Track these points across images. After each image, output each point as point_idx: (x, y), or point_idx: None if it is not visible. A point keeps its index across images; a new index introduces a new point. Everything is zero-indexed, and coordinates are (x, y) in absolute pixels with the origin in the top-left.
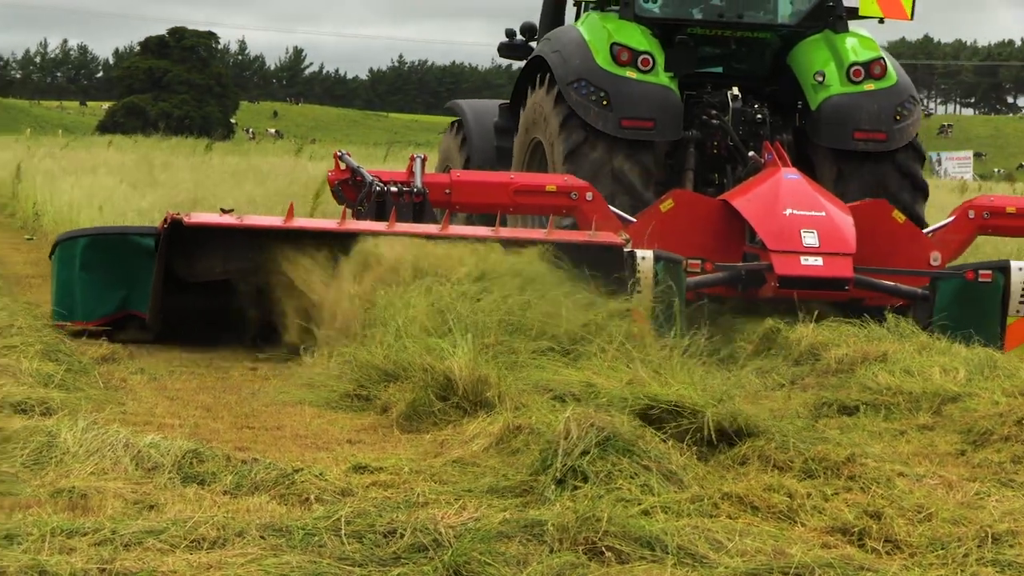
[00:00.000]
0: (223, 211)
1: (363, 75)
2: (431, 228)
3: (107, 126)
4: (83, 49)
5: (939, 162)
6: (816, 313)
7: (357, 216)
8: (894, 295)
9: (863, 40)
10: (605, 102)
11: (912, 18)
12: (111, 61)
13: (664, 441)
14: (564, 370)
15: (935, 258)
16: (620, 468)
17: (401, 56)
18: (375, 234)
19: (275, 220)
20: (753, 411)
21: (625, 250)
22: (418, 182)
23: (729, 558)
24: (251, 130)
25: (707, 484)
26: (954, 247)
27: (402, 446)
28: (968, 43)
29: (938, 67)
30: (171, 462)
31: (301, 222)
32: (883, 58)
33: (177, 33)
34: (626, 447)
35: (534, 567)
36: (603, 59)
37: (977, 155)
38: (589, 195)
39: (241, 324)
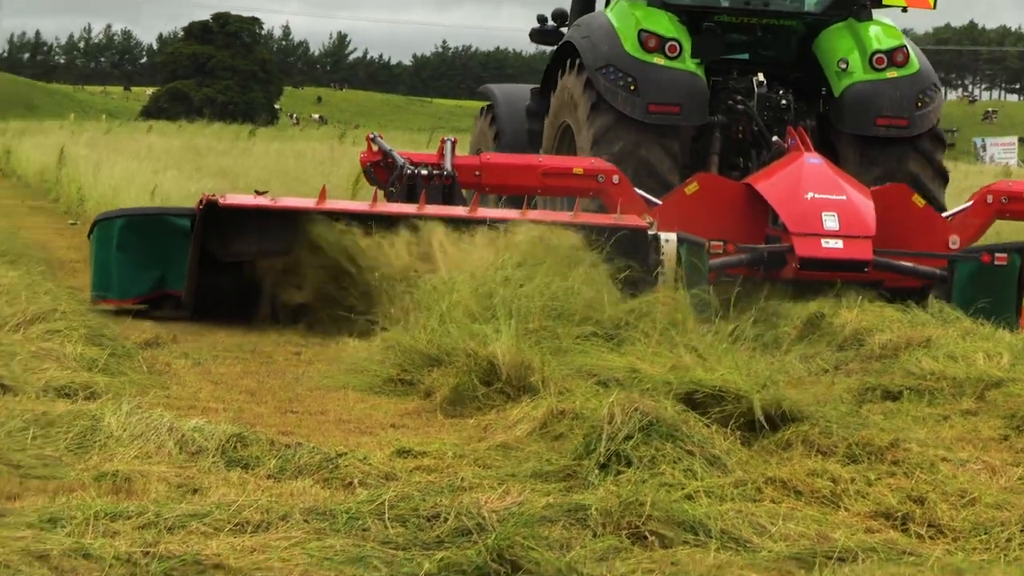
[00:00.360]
0: (257, 193)
1: (407, 61)
2: (459, 210)
3: (151, 111)
4: (127, 34)
5: (984, 148)
6: (860, 299)
7: (389, 198)
8: (913, 276)
9: (886, 28)
10: (633, 87)
11: (935, 7)
12: (155, 47)
13: (708, 426)
14: (608, 355)
15: (954, 241)
16: (664, 453)
17: (445, 42)
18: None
19: (308, 202)
20: (797, 396)
21: (649, 232)
22: (448, 165)
23: (773, 542)
24: (295, 116)
25: (751, 469)
26: (972, 231)
27: (446, 431)
28: (1013, 29)
29: (983, 53)
30: (215, 446)
31: (333, 204)
32: (905, 46)
33: (221, 19)
34: (670, 432)
35: (577, 551)
36: (631, 45)
37: (1022, 140)
38: (616, 178)
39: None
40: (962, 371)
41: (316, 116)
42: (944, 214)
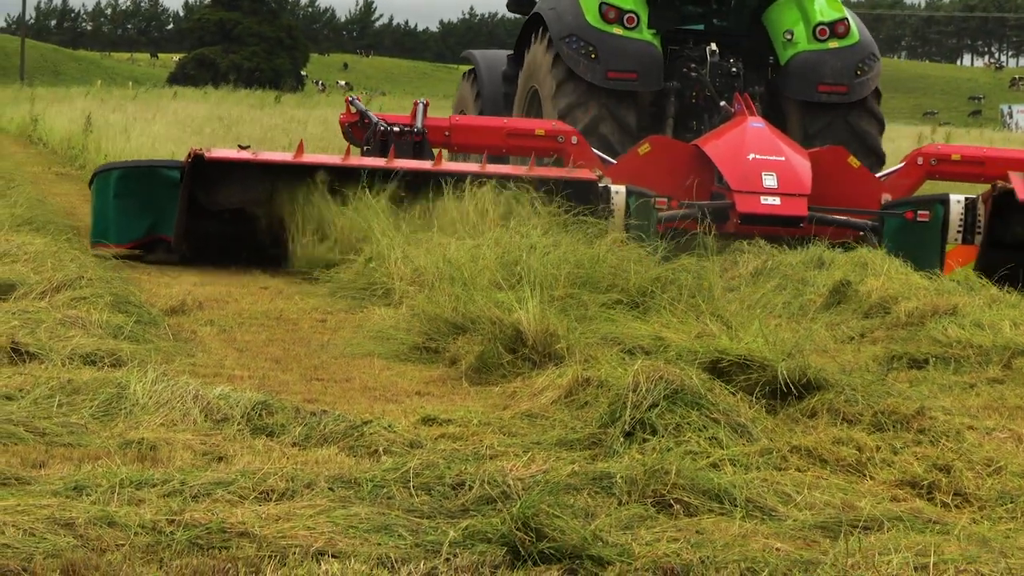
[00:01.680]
0: (241, 147)
1: (433, 27)
2: (425, 164)
3: (177, 78)
4: (153, 1)
5: (1010, 115)
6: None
7: (364, 154)
8: (846, 228)
9: (830, 2)
10: (593, 56)
11: None
12: (181, 13)
13: (733, 394)
14: (633, 323)
15: (886, 199)
16: (689, 421)
17: (472, 8)
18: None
19: (286, 156)
20: (823, 364)
21: (600, 185)
22: (419, 124)
23: (798, 511)
24: (321, 82)
25: (776, 437)
26: (903, 190)
27: (471, 398)
28: None
29: (1010, 20)
30: (240, 414)
31: (309, 157)
32: (847, 19)
33: None
34: (695, 400)
35: (603, 519)
36: (592, 17)
37: None
38: (574, 139)
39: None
40: (988, 339)
41: (342, 83)
42: (878, 174)
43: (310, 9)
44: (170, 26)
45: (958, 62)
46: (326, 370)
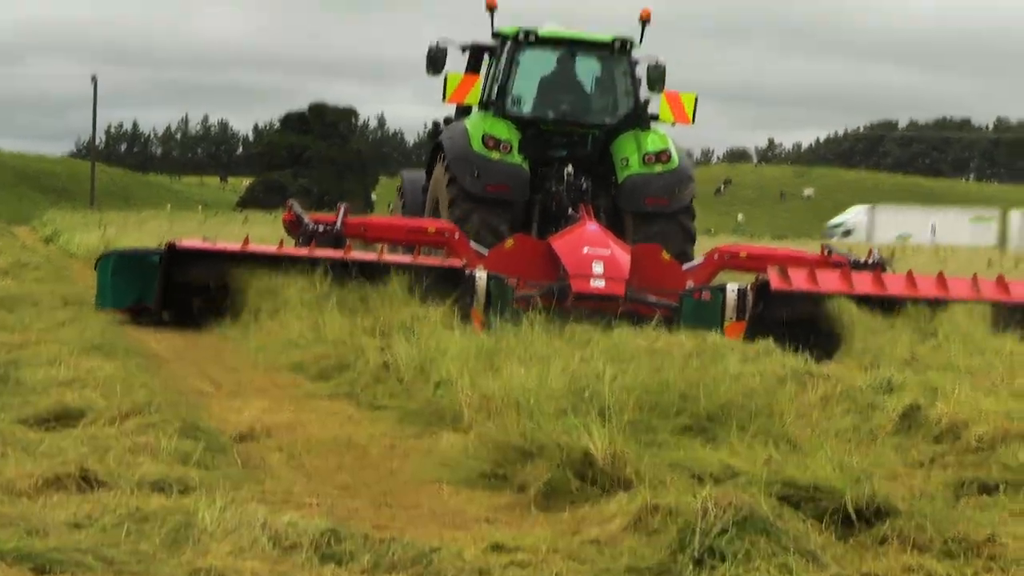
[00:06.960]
0: (204, 239)
1: None
2: (335, 253)
3: (247, 202)
4: (223, 125)
5: None
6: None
7: (296, 244)
8: (655, 307)
9: (659, 136)
10: (477, 174)
11: (693, 122)
12: (251, 137)
13: (803, 521)
14: (702, 449)
15: (689, 284)
16: (758, 548)
17: None
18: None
19: (235, 245)
20: (892, 490)
21: (466, 272)
22: (338, 223)
23: None
24: (392, 204)
25: (846, 564)
26: (703, 278)
27: (540, 525)
28: None
29: None
30: (309, 541)
31: (251, 247)
32: (669, 149)
33: (318, 110)
34: (764, 527)
35: None
36: (477, 145)
37: None
38: (456, 235)
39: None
40: None
41: None
42: (684, 266)
43: (379, 133)
44: (239, 151)
45: None
46: (395, 496)
